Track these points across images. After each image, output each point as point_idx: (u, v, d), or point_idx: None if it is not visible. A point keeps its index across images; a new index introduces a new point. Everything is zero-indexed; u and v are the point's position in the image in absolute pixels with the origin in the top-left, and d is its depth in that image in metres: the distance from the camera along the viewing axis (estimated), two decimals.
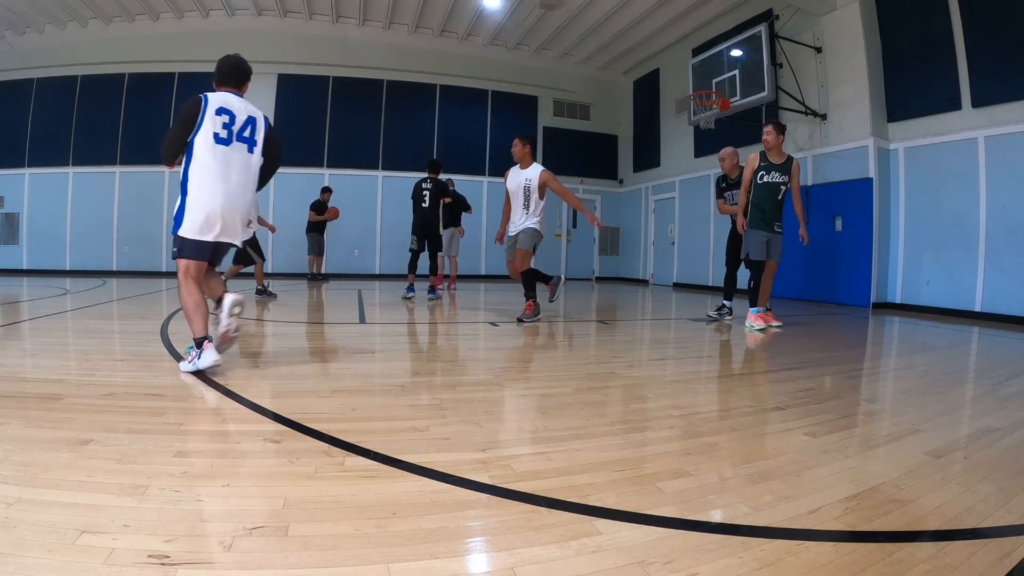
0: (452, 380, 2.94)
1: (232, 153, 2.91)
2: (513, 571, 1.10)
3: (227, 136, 2.90)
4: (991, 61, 6.51)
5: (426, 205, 7.15)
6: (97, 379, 2.62)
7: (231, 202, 2.91)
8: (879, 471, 1.71)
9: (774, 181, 5.03)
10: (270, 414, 2.11)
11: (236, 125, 2.94)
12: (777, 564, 1.15)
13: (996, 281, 6.55)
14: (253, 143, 3.01)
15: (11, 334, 3.99)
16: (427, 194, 7.19)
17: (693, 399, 2.63)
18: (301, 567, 1.08)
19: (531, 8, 10.88)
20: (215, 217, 2.86)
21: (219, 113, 2.86)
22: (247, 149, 2.99)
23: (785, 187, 5.04)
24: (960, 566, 1.15)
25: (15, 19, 10.96)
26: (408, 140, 12.50)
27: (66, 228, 11.47)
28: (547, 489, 1.49)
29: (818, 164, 8.53)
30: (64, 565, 1.04)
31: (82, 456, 1.60)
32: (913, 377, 3.32)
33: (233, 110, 2.93)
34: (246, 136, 2.98)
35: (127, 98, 11.60)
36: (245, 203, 3.01)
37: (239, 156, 2.95)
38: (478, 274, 12.93)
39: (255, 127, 3.02)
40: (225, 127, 2.89)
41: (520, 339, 4.51)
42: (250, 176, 3.03)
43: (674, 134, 12.05)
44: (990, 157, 6.57)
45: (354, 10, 11.61)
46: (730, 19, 10.12)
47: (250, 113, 3.00)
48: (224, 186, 2.87)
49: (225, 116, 2.89)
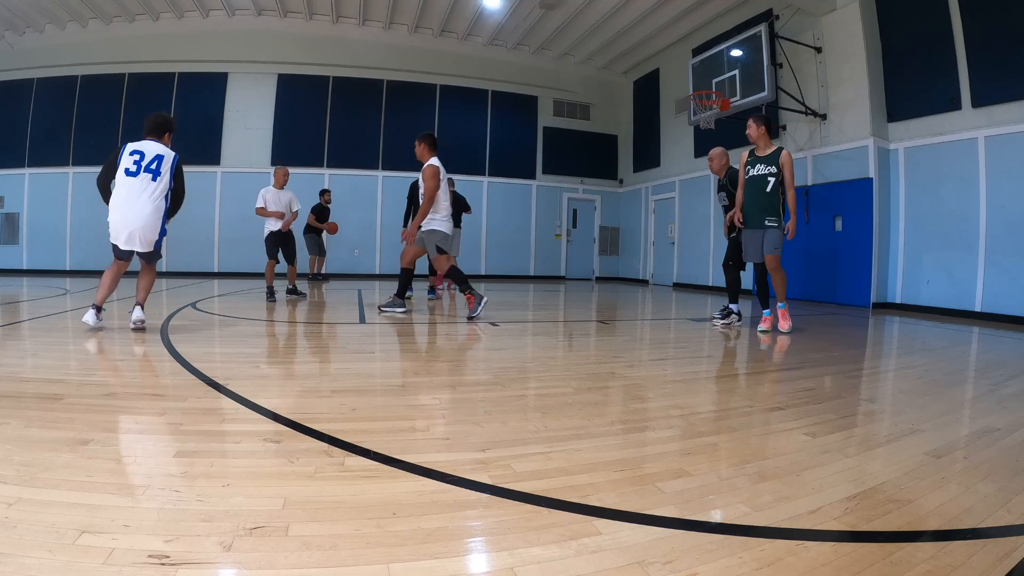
0: (452, 380, 2.94)
1: (140, 183, 3.99)
2: (513, 571, 1.10)
3: (136, 169, 4.01)
4: (991, 61, 6.51)
5: None
6: (97, 379, 2.62)
7: (128, 217, 3.97)
8: (879, 471, 1.71)
9: (759, 174, 4.87)
10: (270, 414, 2.11)
11: (145, 161, 4.02)
12: (777, 564, 1.15)
13: (996, 281, 6.55)
14: (158, 173, 4.03)
15: (11, 334, 3.99)
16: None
17: (693, 399, 2.63)
18: (301, 567, 1.08)
19: (531, 8, 10.88)
20: (119, 229, 3.99)
21: (132, 154, 4.04)
22: (151, 178, 4.01)
23: (773, 178, 4.80)
24: (960, 566, 1.15)
25: (15, 19, 10.96)
26: (408, 140, 12.33)
27: (66, 228, 11.48)
28: (547, 489, 1.49)
29: (818, 164, 8.53)
30: (64, 565, 1.04)
31: (82, 456, 1.60)
32: (913, 377, 3.32)
33: (144, 151, 4.05)
34: (152, 168, 4.02)
35: (127, 98, 11.60)
36: (144, 218, 3.98)
37: (142, 184, 3.99)
38: (478, 274, 12.93)
39: (161, 162, 4.05)
40: (136, 163, 4.01)
41: (520, 339, 4.51)
42: (153, 197, 4.02)
43: (674, 134, 12.05)
44: (990, 157, 6.57)
45: (354, 10, 11.61)
46: (730, 19, 10.12)
47: (158, 152, 4.07)
48: (125, 206, 3.97)
49: (136, 155, 4.03)
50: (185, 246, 11.43)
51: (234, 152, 11.83)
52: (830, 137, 8.31)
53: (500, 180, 13.23)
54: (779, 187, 4.85)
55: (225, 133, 11.81)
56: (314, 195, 10.26)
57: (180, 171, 4.16)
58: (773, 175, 4.82)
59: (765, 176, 4.85)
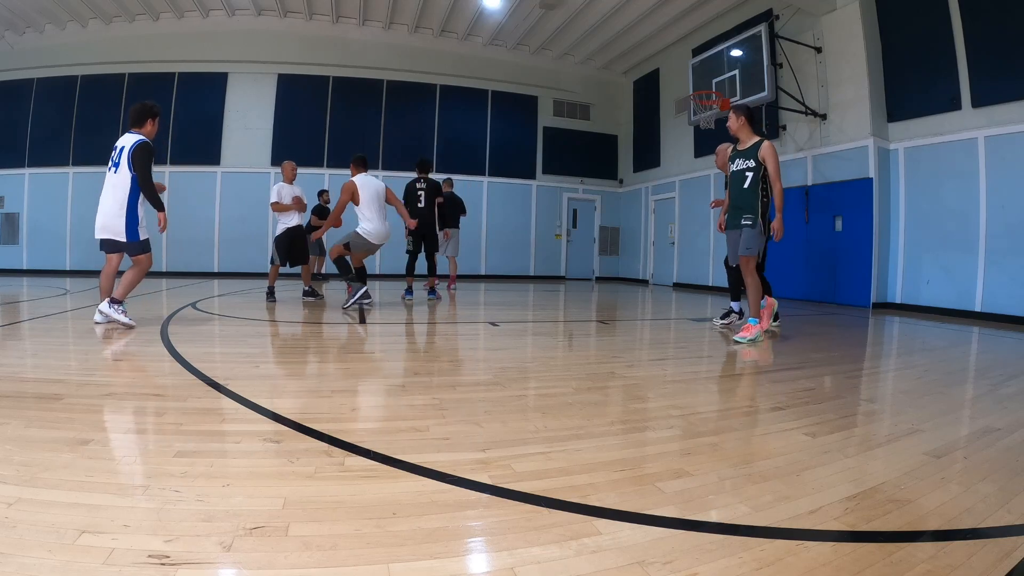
0: (452, 380, 2.94)
1: (109, 175, 4.22)
2: (513, 571, 1.10)
3: (109, 165, 4.24)
4: (991, 61, 6.51)
5: (422, 205, 7.13)
6: (97, 379, 2.62)
7: (99, 209, 4.22)
8: (879, 471, 1.71)
9: (738, 169, 4.54)
10: (270, 414, 2.11)
11: (114, 154, 4.22)
12: (777, 564, 1.15)
13: (996, 281, 6.55)
14: (117, 164, 4.19)
15: (11, 334, 3.99)
16: (422, 194, 7.17)
17: (693, 399, 2.63)
18: (301, 567, 1.08)
19: (531, 8, 10.88)
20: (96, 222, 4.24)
21: (113, 150, 4.26)
22: (114, 171, 4.19)
23: (751, 173, 4.44)
24: (960, 566, 1.15)
25: (15, 19, 10.96)
26: (408, 140, 12.50)
27: (66, 228, 11.47)
28: (547, 489, 1.49)
29: (818, 164, 8.53)
30: (64, 565, 1.04)
31: (82, 456, 1.60)
32: (913, 377, 3.32)
33: (118, 144, 4.24)
34: (116, 161, 4.19)
35: (127, 98, 11.58)
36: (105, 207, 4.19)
37: (109, 177, 4.22)
38: (478, 274, 12.94)
39: (122, 152, 4.19)
40: (112, 158, 4.23)
41: (520, 339, 4.50)
42: (115, 187, 4.17)
43: (674, 134, 12.05)
44: (990, 157, 6.56)
45: (354, 10, 11.61)
46: (730, 19, 10.12)
47: (123, 143, 4.21)
48: (101, 199, 4.23)
49: (114, 151, 4.24)
50: (185, 246, 11.44)
51: (234, 152, 11.83)
52: (830, 137, 8.31)
53: (500, 180, 13.23)
54: (759, 183, 4.44)
55: (225, 133, 11.81)
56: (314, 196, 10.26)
57: (137, 155, 4.15)
58: (751, 170, 4.45)
59: (743, 171, 4.50)
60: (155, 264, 11.50)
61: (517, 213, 13.42)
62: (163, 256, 11.47)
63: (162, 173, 11.41)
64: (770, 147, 4.42)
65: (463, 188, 12.74)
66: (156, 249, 12.33)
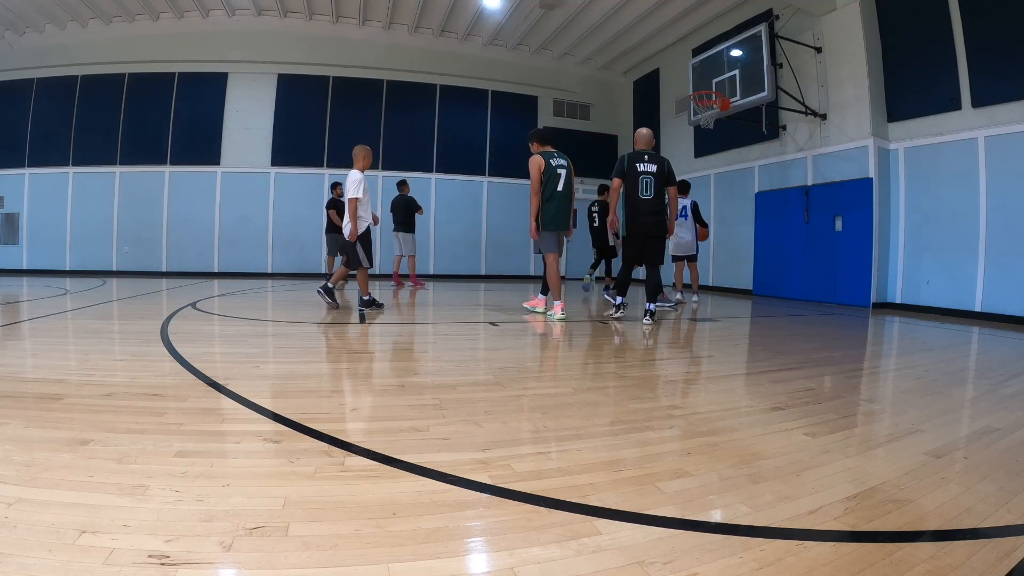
0: (452, 380, 2.94)
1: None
2: (513, 571, 1.10)
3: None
4: (991, 61, 6.51)
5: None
6: (97, 379, 2.62)
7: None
8: (879, 471, 1.71)
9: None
10: (270, 414, 2.11)
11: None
12: (777, 564, 1.15)
13: (996, 281, 6.55)
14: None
15: (11, 334, 3.99)
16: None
17: (693, 399, 2.63)
18: (301, 567, 1.08)
19: (531, 8, 10.87)
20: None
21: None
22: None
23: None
24: (960, 566, 1.15)
25: (15, 19, 10.96)
26: (408, 140, 12.50)
27: (66, 228, 11.47)
28: (547, 489, 1.49)
29: (818, 164, 8.53)
30: (64, 565, 1.04)
31: (82, 456, 1.60)
32: (913, 377, 3.32)
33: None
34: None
35: (127, 98, 11.60)
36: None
37: None
38: (477, 274, 12.94)
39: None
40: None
41: (520, 339, 4.50)
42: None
43: (674, 134, 12.04)
44: (990, 157, 6.56)
45: (354, 10, 11.60)
46: (730, 19, 10.12)
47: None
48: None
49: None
50: (185, 246, 11.44)
51: (234, 152, 11.82)
52: (830, 137, 8.31)
53: (500, 180, 13.22)
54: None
55: (225, 133, 11.80)
56: (314, 196, 10.25)
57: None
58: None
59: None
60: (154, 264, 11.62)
61: (517, 213, 13.39)
62: (163, 256, 11.49)
63: (162, 173, 11.43)
64: (532, 160, 5.93)
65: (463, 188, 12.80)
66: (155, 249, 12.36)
